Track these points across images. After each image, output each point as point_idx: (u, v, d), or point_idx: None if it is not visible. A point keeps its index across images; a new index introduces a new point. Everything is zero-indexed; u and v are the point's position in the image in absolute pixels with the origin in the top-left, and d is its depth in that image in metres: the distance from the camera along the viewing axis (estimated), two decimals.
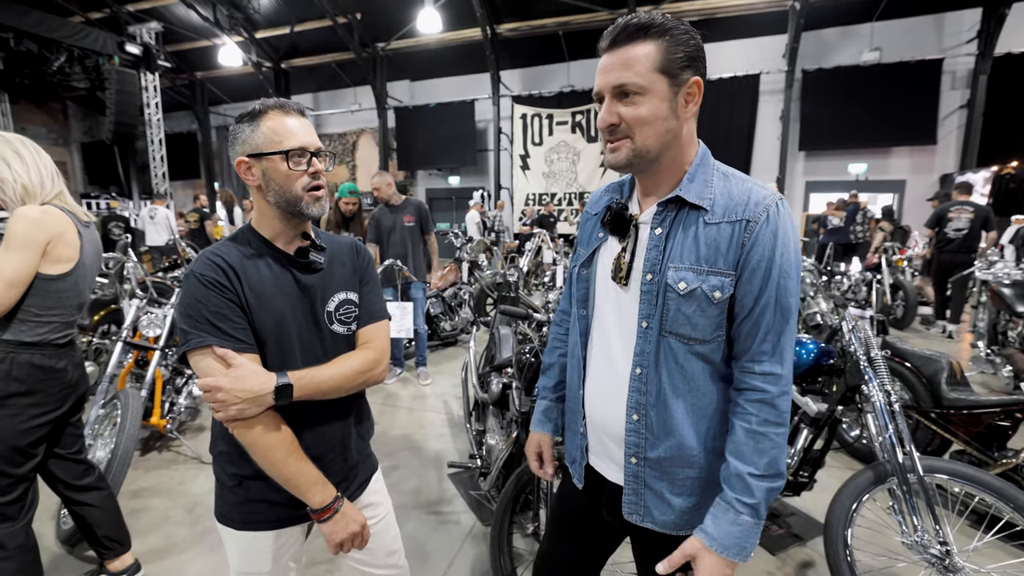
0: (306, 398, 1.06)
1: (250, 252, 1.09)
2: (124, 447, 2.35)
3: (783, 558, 2.21)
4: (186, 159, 16.15)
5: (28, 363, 1.63)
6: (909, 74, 9.84)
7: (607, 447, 1.07)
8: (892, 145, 10.44)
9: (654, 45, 0.87)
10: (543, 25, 11.64)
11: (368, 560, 1.27)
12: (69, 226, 1.65)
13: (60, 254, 1.62)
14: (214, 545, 2.32)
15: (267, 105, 1.06)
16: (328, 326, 1.15)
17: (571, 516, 1.24)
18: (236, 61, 12.87)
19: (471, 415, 3.01)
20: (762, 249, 0.89)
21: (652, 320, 0.95)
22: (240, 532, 1.15)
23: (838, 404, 2.20)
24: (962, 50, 9.72)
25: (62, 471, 1.88)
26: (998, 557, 1.88)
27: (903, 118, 9.99)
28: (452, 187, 14.30)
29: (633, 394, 0.98)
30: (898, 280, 6.05)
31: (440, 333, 5.42)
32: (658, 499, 1.00)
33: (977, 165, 9.65)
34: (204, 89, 15.82)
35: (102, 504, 1.97)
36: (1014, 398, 2.38)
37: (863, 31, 10.28)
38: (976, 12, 9.48)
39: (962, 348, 5.39)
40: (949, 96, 9.96)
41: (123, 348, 3.00)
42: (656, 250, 0.95)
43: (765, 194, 0.91)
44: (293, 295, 1.11)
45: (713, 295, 0.90)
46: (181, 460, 3.12)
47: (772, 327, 0.90)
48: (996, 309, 4.52)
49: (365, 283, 1.23)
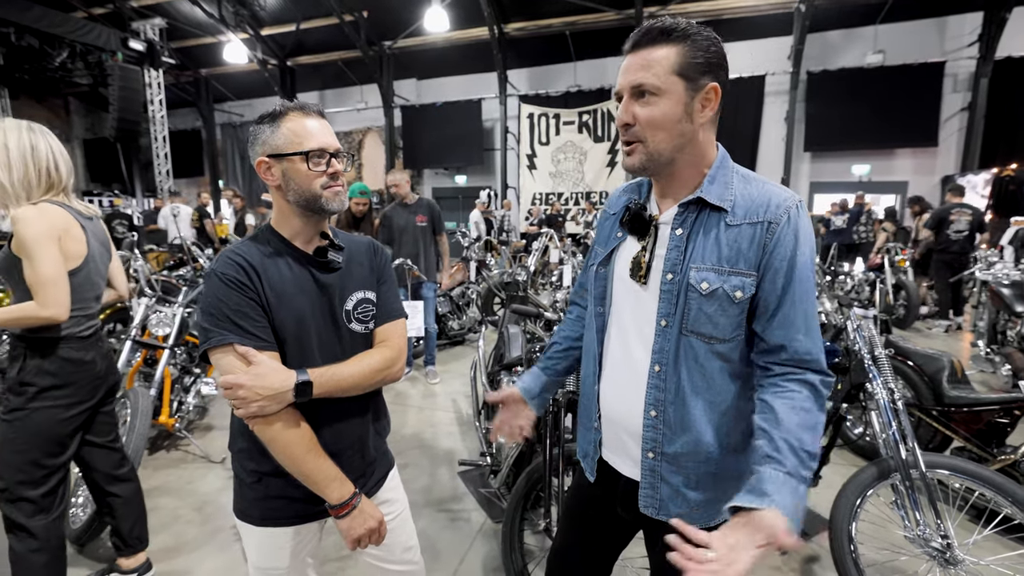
0: (326, 395, 1.08)
1: (270, 251, 1.11)
2: (135, 446, 2.34)
3: (789, 553, 2.26)
4: (190, 156, 16.17)
5: (58, 356, 1.67)
6: (912, 76, 9.90)
7: (623, 442, 1.09)
8: (895, 147, 10.50)
9: (675, 49, 0.90)
10: (550, 25, 11.68)
11: (385, 556, 1.28)
12: (71, 221, 1.64)
13: (69, 249, 1.63)
14: (225, 544, 2.34)
15: (287, 107, 1.09)
16: (346, 325, 1.17)
17: (584, 511, 1.26)
18: (241, 58, 12.89)
19: (480, 413, 3.05)
20: (784, 250, 0.92)
21: (672, 319, 0.98)
22: (259, 528, 1.16)
23: (843, 402, 2.27)
24: (963, 53, 9.78)
25: (100, 460, 1.91)
26: (996, 550, 1.94)
27: (906, 120, 10.06)
28: (459, 186, 14.33)
29: (652, 391, 1.01)
30: (900, 280, 6.11)
31: (448, 332, 5.47)
32: (674, 492, 1.02)
33: (978, 167, 9.71)
34: (209, 86, 15.83)
35: (131, 497, 2.00)
36: (1013, 396, 2.44)
37: (867, 33, 10.33)
38: (978, 16, 9.54)
39: (963, 347, 5.45)
40: (951, 98, 10.03)
41: (132, 347, 3.01)
42: (677, 250, 0.97)
43: (785, 196, 0.94)
44: (312, 294, 1.13)
45: (735, 295, 0.93)
46: (190, 459, 3.13)
47: (799, 319, 0.93)
48: (996, 309, 4.58)
49: (383, 282, 1.25)
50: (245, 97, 16.09)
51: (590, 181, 12.68)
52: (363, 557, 1.30)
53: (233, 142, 16.28)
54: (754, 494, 0.83)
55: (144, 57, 10.91)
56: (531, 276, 5.79)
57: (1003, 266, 4.83)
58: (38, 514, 1.65)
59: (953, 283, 6.03)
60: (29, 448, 1.64)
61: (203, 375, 3.50)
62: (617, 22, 11.15)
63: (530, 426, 1.33)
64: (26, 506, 1.64)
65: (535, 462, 2.04)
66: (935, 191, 10.21)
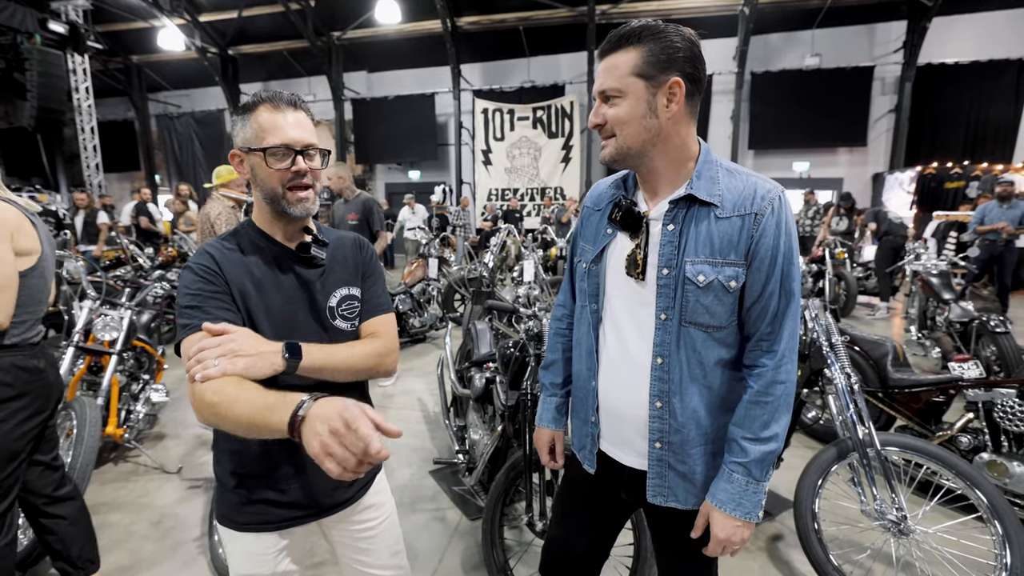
0: (316, 371, 1.02)
1: (249, 247, 1.09)
2: (84, 460, 2.21)
3: (755, 533, 2.37)
4: (123, 149, 15.08)
5: (12, 365, 1.57)
6: (845, 79, 10.56)
7: (624, 434, 1.12)
8: (831, 145, 11.17)
9: (633, 52, 0.95)
10: (503, 20, 11.66)
11: (371, 562, 1.25)
12: (21, 217, 1.55)
13: (23, 246, 1.53)
14: (189, 560, 2.22)
15: (259, 98, 1.06)
16: (331, 321, 1.15)
17: (582, 501, 1.28)
18: (178, 46, 12.16)
19: (449, 411, 3.02)
20: (769, 239, 0.97)
21: (671, 312, 1.01)
22: (241, 534, 1.12)
23: (802, 387, 2.39)
24: (890, 59, 10.53)
25: (41, 481, 1.77)
26: (940, 520, 2.09)
27: (840, 120, 10.73)
28: (413, 181, 14.08)
29: (656, 383, 1.04)
30: (840, 272, 6.51)
31: (409, 330, 5.38)
32: (681, 479, 1.06)
33: (904, 165, 10.49)
34: (142, 74, 14.83)
35: (77, 517, 1.86)
36: (947, 376, 2.65)
37: (805, 37, 10.92)
38: (902, 24, 10.28)
39: (896, 332, 5.87)
40: (880, 101, 10.77)
41: (75, 353, 2.81)
42: (671, 245, 1.01)
43: (769, 187, 0.99)
44: (294, 290, 1.10)
45: (729, 284, 0.98)
46: (141, 471, 2.95)
47: (778, 309, 0.99)
48: (926, 297, 4.96)
49: (367, 277, 1.23)
50: (183, 87, 15.18)
51: (545, 177, 12.77)
52: (350, 563, 1.26)
53: (170, 134, 15.30)
54: (710, 494, 1.04)
55: (67, 40, 10.07)
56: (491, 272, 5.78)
57: (928, 257, 5.23)
58: None
59: (888, 273, 6.51)
60: None
61: (152, 381, 3.31)
62: (570, 19, 11.27)
63: (561, 446, 1.38)
64: None
65: (513, 458, 2.04)
66: (867, 187, 10.95)
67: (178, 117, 15.17)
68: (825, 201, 9.38)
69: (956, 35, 10.14)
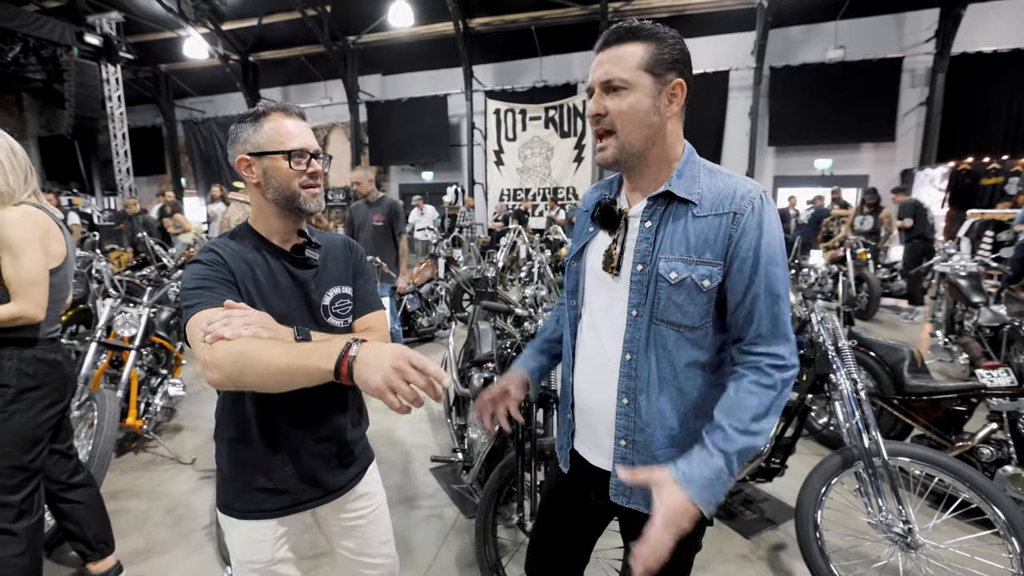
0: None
1: (248, 248, 1.14)
2: (102, 448, 2.31)
3: (756, 541, 2.29)
4: (151, 154, 15.66)
5: (33, 358, 1.68)
6: (872, 72, 10.19)
7: (595, 432, 1.10)
8: (856, 141, 10.80)
9: (642, 46, 0.95)
10: (515, 20, 11.65)
11: (361, 550, 1.31)
12: (51, 221, 1.68)
13: (52, 249, 1.67)
14: (198, 545, 2.31)
15: (270, 107, 1.13)
16: (324, 319, 1.20)
17: (559, 501, 1.27)
18: (202, 54, 12.53)
19: (452, 410, 3.02)
20: (749, 240, 0.94)
21: (642, 308, 1.00)
22: (241, 521, 1.17)
23: (807, 392, 2.29)
24: (921, 49, 10.12)
25: (56, 468, 1.89)
26: (954, 534, 1.98)
27: (866, 114, 10.35)
28: (426, 182, 14.20)
29: (623, 379, 1.02)
30: (862, 273, 6.28)
31: (417, 329, 5.40)
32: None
33: (935, 161, 10.05)
34: (169, 82, 15.33)
35: (92, 502, 1.98)
36: (970, 384, 2.50)
37: (828, 29, 10.60)
38: (934, 12, 9.86)
39: (922, 337, 5.63)
40: (909, 94, 10.37)
41: (97, 348, 2.93)
42: (647, 242, 1.00)
43: (749, 187, 0.97)
44: (290, 289, 1.16)
45: (702, 283, 0.95)
46: (158, 461, 3.07)
47: (765, 313, 0.94)
48: (953, 300, 4.73)
49: (359, 276, 1.28)
50: (207, 93, 15.64)
51: (557, 176, 12.70)
52: (341, 552, 1.31)
53: (195, 139, 15.76)
54: (673, 463, 0.93)
55: (101, 52, 10.55)
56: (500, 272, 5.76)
57: (959, 258, 4.99)
58: (21, 518, 1.65)
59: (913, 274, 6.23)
60: (8, 452, 1.64)
61: (170, 376, 3.43)
62: (582, 17, 11.19)
63: (516, 406, 1.26)
64: (8, 511, 1.64)
65: (507, 457, 2.03)
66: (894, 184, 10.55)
67: (202, 122, 15.64)
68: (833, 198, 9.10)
69: (993, 22, 9.68)
